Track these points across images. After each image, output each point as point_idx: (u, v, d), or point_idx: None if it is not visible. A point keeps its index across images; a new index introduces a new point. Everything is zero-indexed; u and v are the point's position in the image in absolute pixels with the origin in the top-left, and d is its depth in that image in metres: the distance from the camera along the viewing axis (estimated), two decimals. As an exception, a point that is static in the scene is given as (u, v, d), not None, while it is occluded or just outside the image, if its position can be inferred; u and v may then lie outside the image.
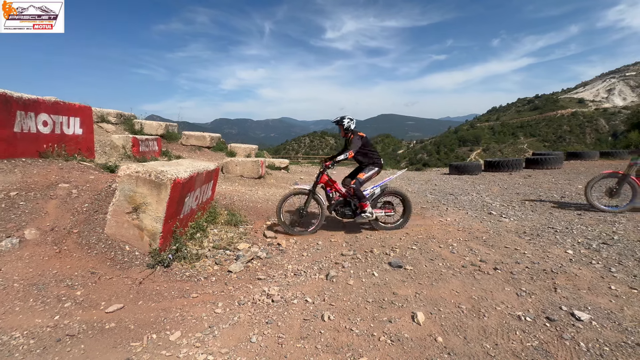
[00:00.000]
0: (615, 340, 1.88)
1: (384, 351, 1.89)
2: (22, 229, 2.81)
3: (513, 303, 2.34)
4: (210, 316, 2.32)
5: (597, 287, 2.53)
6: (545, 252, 3.27)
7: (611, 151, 14.00)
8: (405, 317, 2.21)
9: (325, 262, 3.23)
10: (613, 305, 2.25)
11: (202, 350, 1.93)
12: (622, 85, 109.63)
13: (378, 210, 4.29)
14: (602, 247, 3.35)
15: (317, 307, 2.39)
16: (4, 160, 3.74)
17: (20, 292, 2.28)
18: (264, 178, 8.01)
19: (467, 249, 3.44)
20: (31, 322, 2.06)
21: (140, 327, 2.16)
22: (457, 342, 1.94)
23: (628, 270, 2.79)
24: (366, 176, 4.16)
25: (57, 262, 2.63)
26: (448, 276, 2.82)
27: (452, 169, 12.10)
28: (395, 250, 3.45)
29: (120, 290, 2.52)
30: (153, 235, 2.93)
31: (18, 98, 3.95)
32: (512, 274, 2.80)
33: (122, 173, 2.92)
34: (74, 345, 1.94)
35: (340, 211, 4.28)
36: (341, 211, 4.28)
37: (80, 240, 2.90)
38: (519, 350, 1.84)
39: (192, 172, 3.33)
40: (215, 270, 3.04)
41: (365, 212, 4.11)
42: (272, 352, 1.92)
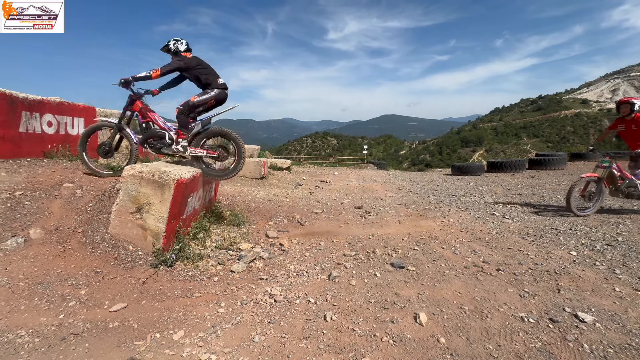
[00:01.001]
0: (619, 342, 1.87)
1: (386, 352, 1.89)
2: (27, 229, 2.84)
3: (516, 304, 2.33)
4: (213, 316, 2.33)
5: (601, 288, 2.51)
6: (549, 254, 3.26)
7: (616, 152, 13.90)
8: (407, 318, 2.21)
9: (327, 263, 3.23)
10: (617, 307, 2.24)
11: (205, 350, 1.94)
12: (626, 86, 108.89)
13: (199, 150, 3.63)
14: (606, 248, 3.33)
15: (319, 308, 2.39)
16: (10, 160, 3.78)
17: (25, 290, 2.30)
18: (266, 178, 8.03)
19: (470, 249, 3.43)
20: (36, 321, 2.07)
21: (144, 326, 2.18)
22: (460, 343, 1.93)
23: (632, 271, 2.77)
24: (198, 100, 3.48)
25: (62, 262, 2.65)
26: (450, 277, 2.81)
27: (454, 170, 12.08)
28: (397, 250, 3.45)
29: (124, 290, 2.54)
30: (156, 235, 2.95)
31: (23, 99, 3.99)
32: (515, 275, 2.79)
33: (126, 173, 2.94)
34: (78, 343, 1.95)
35: (153, 144, 3.65)
36: (154, 144, 3.64)
37: (85, 239, 2.92)
38: (522, 352, 1.83)
39: (195, 172, 3.34)
40: (218, 270, 3.05)
41: (178, 145, 3.49)
42: (275, 351, 1.92)
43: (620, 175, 4.80)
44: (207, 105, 3.60)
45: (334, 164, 23.59)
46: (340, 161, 26.55)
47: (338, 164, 23.80)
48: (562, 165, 11.57)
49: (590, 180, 4.82)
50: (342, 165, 22.10)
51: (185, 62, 3.49)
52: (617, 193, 4.87)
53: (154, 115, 3.67)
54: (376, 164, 19.14)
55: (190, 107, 3.49)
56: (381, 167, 17.86)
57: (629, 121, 4.80)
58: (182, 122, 3.48)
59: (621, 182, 4.80)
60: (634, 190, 4.75)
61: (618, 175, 4.80)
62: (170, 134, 3.58)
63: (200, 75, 3.57)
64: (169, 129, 3.68)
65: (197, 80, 3.62)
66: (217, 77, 3.65)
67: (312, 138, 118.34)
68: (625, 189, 4.78)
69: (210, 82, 3.58)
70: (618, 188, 4.82)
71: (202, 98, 3.52)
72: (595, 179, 4.79)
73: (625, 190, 4.79)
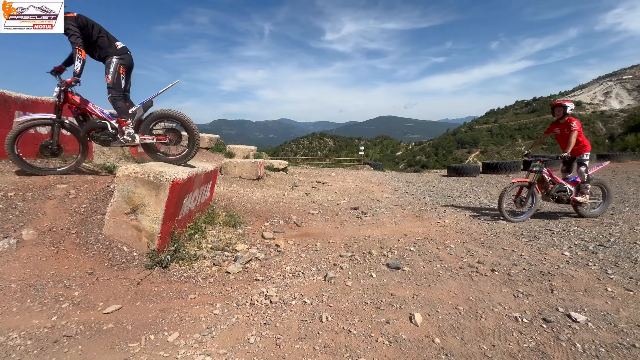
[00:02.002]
0: (611, 341, 1.90)
1: (381, 352, 1.89)
2: (20, 230, 2.81)
3: (510, 304, 2.35)
4: (209, 317, 2.32)
5: (594, 288, 2.54)
6: (543, 254, 3.29)
7: (608, 154, 14.08)
8: (403, 318, 2.22)
9: (323, 264, 3.24)
10: (609, 306, 2.27)
11: (200, 351, 1.93)
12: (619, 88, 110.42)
13: (148, 137, 3.39)
14: (598, 249, 3.38)
15: (315, 308, 2.39)
16: (2, 160, 3.73)
17: (17, 292, 2.27)
18: (262, 179, 8.01)
19: (465, 250, 3.45)
20: (28, 323, 2.05)
21: (138, 328, 2.16)
22: (455, 343, 1.94)
23: (624, 272, 2.81)
24: (114, 75, 3.16)
25: (55, 263, 2.62)
26: (446, 277, 2.83)
27: (450, 171, 12.15)
28: (393, 251, 3.46)
29: (118, 291, 2.52)
30: (151, 236, 2.93)
31: (17, 98, 3.95)
32: (510, 275, 2.82)
33: (121, 173, 2.92)
34: (71, 346, 1.93)
35: (96, 136, 3.39)
36: (97, 136, 3.38)
37: (78, 240, 2.90)
38: (515, 352, 1.85)
39: (190, 173, 3.33)
40: (214, 272, 3.04)
41: (124, 134, 3.21)
42: (270, 353, 1.92)
43: (551, 179, 4.78)
44: (124, 77, 3.24)
45: (331, 165, 23.62)
46: (337, 162, 26.59)
47: (335, 165, 23.83)
48: (555, 166, 11.72)
49: (522, 185, 4.77)
50: (339, 166, 22.13)
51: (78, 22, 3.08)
52: (548, 198, 4.82)
53: (89, 105, 3.35)
54: (372, 165, 19.18)
55: (117, 88, 3.15)
56: (377, 168, 17.91)
57: (562, 124, 4.79)
58: (122, 108, 3.18)
59: (552, 187, 4.77)
60: (564, 195, 4.73)
61: (549, 179, 4.77)
62: (111, 123, 3.30)
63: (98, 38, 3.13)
64: (110, 118, 3.39)
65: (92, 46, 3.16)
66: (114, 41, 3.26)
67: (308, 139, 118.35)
68: (556, 193, 4.75)
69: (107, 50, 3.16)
70: (549, 193, 4.77)
71: (115, 71, 3.15)
72: (526, 184, 4.74)
73: (555, 195, 4.75)
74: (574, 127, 4.60)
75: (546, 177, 4.77)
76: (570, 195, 4.72)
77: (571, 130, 4.61)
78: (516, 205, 4.80)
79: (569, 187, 4.74)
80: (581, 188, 4.71)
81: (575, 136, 4.57)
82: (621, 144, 23.24)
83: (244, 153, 11.87)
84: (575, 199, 4.68)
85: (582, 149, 4.73)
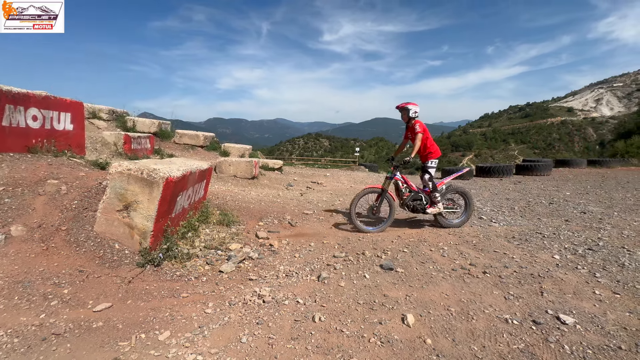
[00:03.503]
0: (598, 343, 1.93)
1: (373, 352, 1.90)
2: (8, 225, 2.75)
3: (501, 306, 2.38)
4: (201, 316, 2.31)
5: (582, 291, 2.59)
6: (533, 257, 3.33)
7: (598, 159, 14.34)
8: (395, 319, 2.23)
9: (317, 264, 3.24)
10: (597, 309, 2.31)
11: (192, 351, 1.92)
12: (609, 96, 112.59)
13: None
14: (587, 252, 3.44)
15: (308, 308, 2.39)
16: (-9, 154, 3.65)
17: (4, 289, 2.23)
18: (257, 179, 7.98)
19: (458, 252, 3.49)
20: (15, 321, 2.01)
21: (129, 327, 2.14)
22: (446, 344, 1.96)
23: (612, 275, 2.86)
24: None
25: (44, 260, 2.58)
26: (438, 279, 2.85)
27: (444, 174, 12.24)
28: (387, 252, 3.48)
29: (108, 289, 2.49)
30: (144, 234, 2.90)
31: (7, 91, 3.87)
32: (501, 277, 2.85)
33: (114, 170, 2.89)
34: (59, 344, 1.90)
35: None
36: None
37: (69, 237, 2.85)
38: (505, 353, 1.87)
39: (184, 171, 3.30)
40: (207, 270, 3.02)
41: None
42: (263, 352, 1.91)
43: (407, 186, 4.41)
44: None
45: (326, 165, 23.62)
46: (332, 163, 26.61)
47: (330, 165, 23.84)
48: (547, 171, 11.89)
49: (374, 192, 4.36)
50: (334, 167, 22.15)
51: None
52: (404, 206, 4.46)
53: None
54: (368, 166, 19.24)
55: None
56: (372, 169, 17.97)
57: (410, 128, 4.44)
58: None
59: (407, 195, 4.39)
60: (419, 204, 4.37)
61: (404, 186, 4.39)
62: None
63: None
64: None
65: None
66: None
67: (304, 139, 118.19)
68: (411, 202, 4.38)
69: None
70: (404, 201, 4.40)
71: None
72: (379, 190, 4.32)
73: (410, 204, 4.38)
74: (417, 129, 4.27)
75: (400, 184, 4.38)
76: (425, 205, 4.36)
77: (415, 134, 4.28)
78: (368, 213, 4.41)
79: (425, 195, 4.39)
80: (431, 198, 4.34)
81: (420, 139, 4.22)
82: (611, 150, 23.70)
83: (239, 152, 11.81)
84: (427, 210, 4.34)
85: (429, 156, 4.39)
